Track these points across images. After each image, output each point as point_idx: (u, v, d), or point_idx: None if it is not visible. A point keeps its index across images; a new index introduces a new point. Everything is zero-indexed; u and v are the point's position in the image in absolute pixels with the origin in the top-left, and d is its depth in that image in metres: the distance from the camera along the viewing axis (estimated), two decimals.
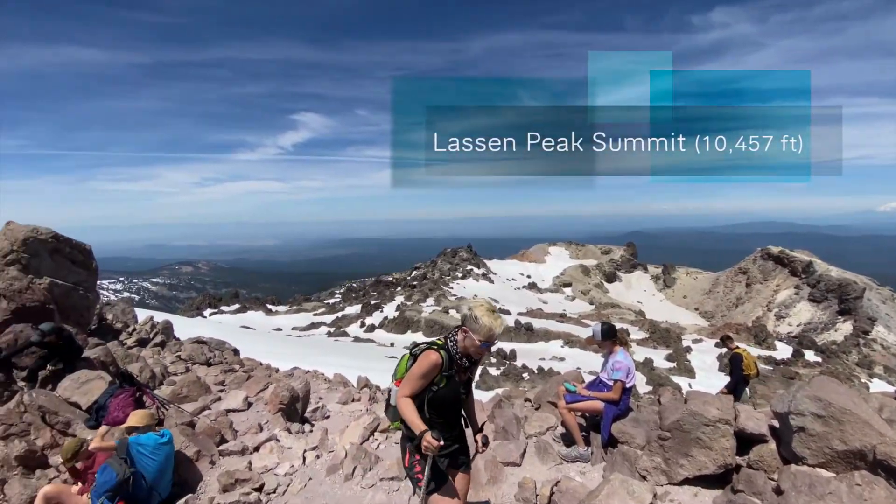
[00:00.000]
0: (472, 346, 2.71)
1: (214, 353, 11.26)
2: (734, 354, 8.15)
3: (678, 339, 37.86)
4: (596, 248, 79.77)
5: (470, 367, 2.87)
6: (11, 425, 5.56)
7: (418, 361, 2.75)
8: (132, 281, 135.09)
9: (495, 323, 2.69)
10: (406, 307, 47.45)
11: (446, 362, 2.74)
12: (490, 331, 2.67)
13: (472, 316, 2.70)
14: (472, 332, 2.69)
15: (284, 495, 4.35)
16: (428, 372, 2.70)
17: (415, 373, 2.73)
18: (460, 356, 2.77)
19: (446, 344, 2.80)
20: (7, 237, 8.93)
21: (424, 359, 2.73)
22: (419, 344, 2.94)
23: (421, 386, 2.72)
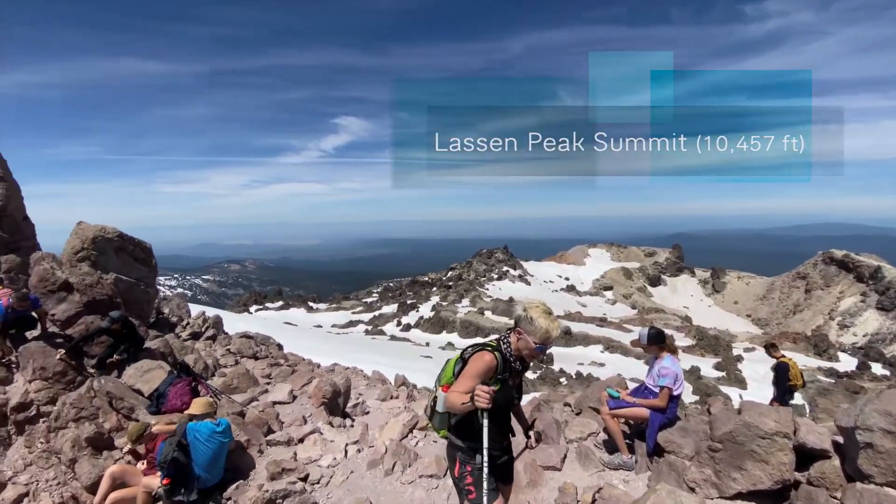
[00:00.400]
0: (527, 348, 2.61)
1: (260, 347, 11.80)
2: (780, 364, 7.82)
3: (728, 348, 35.86)
4: (639, 251, 76.93)
5: (522, 371, 2.77)
6: (82, 409, 6.07)
7: (472, 362, 2.61)
8: (185, 278, 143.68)
9: (552, 325, 2.59)
10: (441, 307, 47.70)
11: (500, 365, 2.62)
12: (546, 333, 2.57)
13: (528, 317, 2.60)
14: (527, 333, 2.59)
15: (328, 486, 4.49)
16: (483, 373, 2.55)
17: (469, 373, 2.57)
18: (514, 359, 2.67)
19: (499, 346, 2.69)
20: (79, 236, 9.73)
21: (479, 360, 2.60)
22: (471, 346, 2.79)
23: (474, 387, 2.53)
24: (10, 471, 6.12)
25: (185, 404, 5.69)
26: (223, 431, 4.50)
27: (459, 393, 2.49)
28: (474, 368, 2.58)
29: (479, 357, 2.62)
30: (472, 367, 2.60)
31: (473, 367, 2.58)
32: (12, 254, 8.91)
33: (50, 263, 7.88)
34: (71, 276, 7.84)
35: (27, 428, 6.43)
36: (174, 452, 4.22)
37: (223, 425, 4.56)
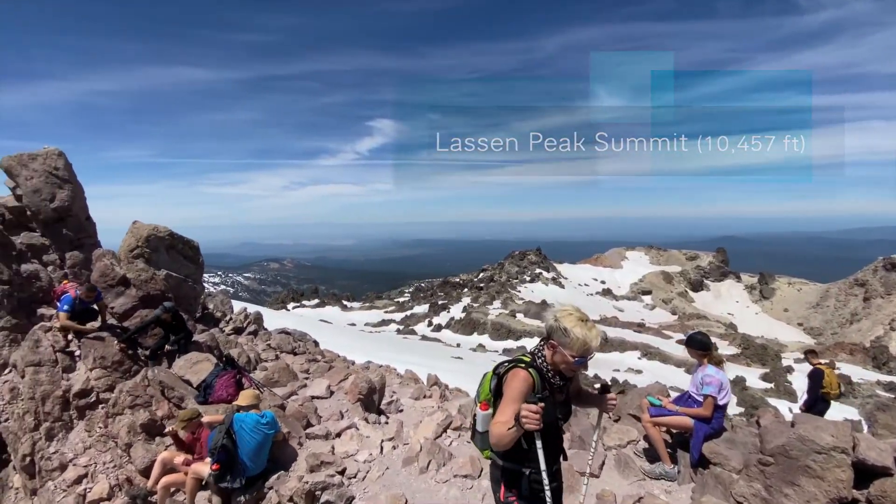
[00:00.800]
0: (564, 362, 2.34)
1: (298, 343, 12.16)
2: (814, 370, 7.49)
3: (777, 358, 33.87)
4: (680, 254, 73.90)
5: (564, 386, 2.50)
6: (137, 397, 6.46)
7: (508, 383, 2.37)
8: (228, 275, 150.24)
9: (590, 334, 2.29)
10: (472, 309, 47.58)
11: (537, 382, 2.36)
12: (585, 344, 2.28)
13: (561, 328, 2.30)
14: (563, 346, 2.31)
15: (364, 481, 4.58)
16: (523, 391, 2.30)
17: (508, 396, 2.32)
18: (552, 374, 2.41)
19: (534, 361, 2.43)
20: (134, 234, 10.36)
21: (513, 378, 2.36)
22: (502, 363, 2.54)
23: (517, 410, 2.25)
24: (71, 453, 6.61)
25: (230, 395, 5.96)
26: (268, 423, 4.67)
27: (503, 422, 2.23)
28: (512, 390, 2.34)
29: (512, 376, 2.38)
30: (508, 388, 2.37)
31: (510, 389, 2.35)
32: (76, 251, 9.61)
33: (110, 260, 8.45)
34: (128, 271, 8.38)
35: (87, 413, 6.91)
36: (223, 440, 4.44)
37: (268, 417, 4.73)
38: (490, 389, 2.50)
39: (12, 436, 6.98)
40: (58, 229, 9.44)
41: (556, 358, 2.37)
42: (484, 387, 2.57)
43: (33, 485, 6.63)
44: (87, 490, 6.02)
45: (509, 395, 2.33)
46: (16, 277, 8.28)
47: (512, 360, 2.49)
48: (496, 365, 2.56)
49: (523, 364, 2.41)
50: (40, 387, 6.80)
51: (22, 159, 9.22)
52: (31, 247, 9.04)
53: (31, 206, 9.11)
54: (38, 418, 6.74)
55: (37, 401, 6.76)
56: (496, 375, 2.49)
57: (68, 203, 9.38)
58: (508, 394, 2.33)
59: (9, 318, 7.99)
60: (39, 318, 8.21)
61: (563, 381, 2.45)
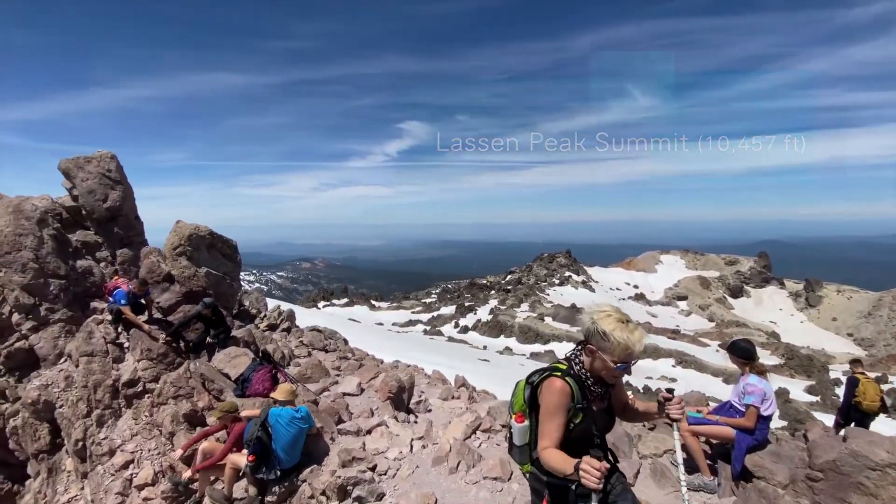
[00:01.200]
0: (605, 368, 2.15)
1: (329, 341, 12.43)
2: (850, 377, 7.26)
3: (823, 369, 32.01)
4: (718, 258, 70.95)
5: (606, 393, 2.31)
6: (180, 388, 6.76)
7: (543, 394, 2.20)
8: (262, 273, 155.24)
9: (632, 337, 2.09)
10: (500, 311, 47.28)
11: (576, 392, 2.18)
12: (627, 349, 2.08)
13: (599, 331, 2.11)
14: (602, 351, 2.12)
15: (394, 478, 4.63)
16: (561, 403, 2.14)
17: (547, 411, 2.16)
18: (592, 382, 2.23)
19: (570, 368, 2.25)
20: (177, 233, 10.86)
21: (549, 389, 2.18)
22: (536, 371, 2.36)
23: (560, 426, 2.14)
24: (119, 439, 6.99)
25: (266, 389, 6.16)
26: (303, 418, 4.80)
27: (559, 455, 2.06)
28: (549, 403, 2.16)
29: (548, 386, 2.19)
30: (545, 401, 2.19)
31: (547, 402, 2.17)
32: (126, 248, 10.17)
33: (156, 257, 8.90)
34: (173, 268, 8.80)
35: (134, 402, 7.30)
36: (258, 432, 4.59)
37: (302, 412, 4.86)
38: (524, 399, 2.34)
39: (66, 421, 7.45)
40: (109, 228, 10.03)
41: (595, 364, 2.19)
42: (518, 396, 2.41)
43: (84, 468, 7.06)
44: (134, 475, 6.36)
45: (547, 409, 2.16)
46: (72, 272, 8.85)
47: (546, 368, 2.32)
48: (530, 373, 2.40)
49: (559, 372, 2.22)
50: (92, 376, 7.24)
51: (78, 162, 9.85)
52: (86, 244, 9.63)
53: (85, 206, 9.72)
54: (90, 405, 7.17)
55: (89, 389, 7.20)
56: (529, 385, 2.33)
57: (119, 203, 9.95)
58: (546, 408, 2.17)
59: (65, 311, 8.54)
60: (92, 311, 8.74)
61: (603, 389, 2.27)
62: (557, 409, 2.14)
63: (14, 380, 8.35)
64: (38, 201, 9.16)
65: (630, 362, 2.13)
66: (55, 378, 7.86)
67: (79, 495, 7.03)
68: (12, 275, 8.19)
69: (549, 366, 2.34)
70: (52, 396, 7.67)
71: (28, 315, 8.29)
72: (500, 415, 5.92)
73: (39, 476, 7.94)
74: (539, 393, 2.24)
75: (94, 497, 6.35)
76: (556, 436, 2.13)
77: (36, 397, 7.67)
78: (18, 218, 8.50)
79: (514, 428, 2.37)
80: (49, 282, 8.42)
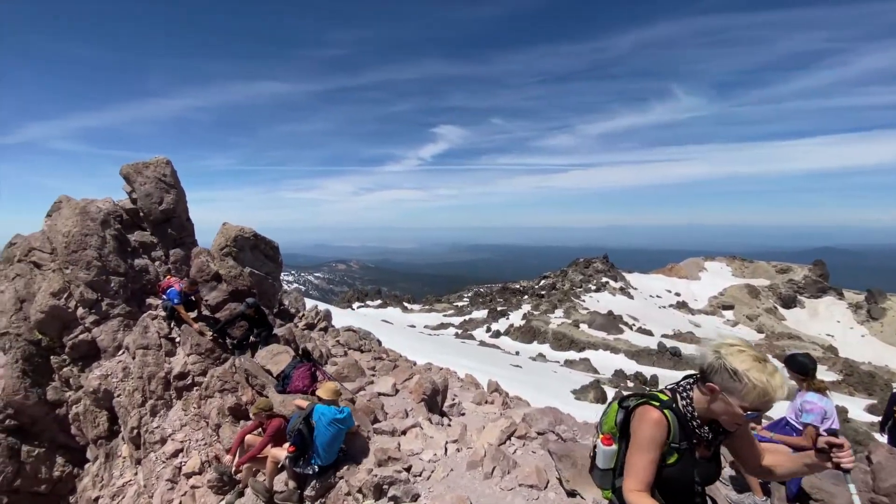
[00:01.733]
0: (727, 413, 1.84)
1: (364, 341, 12.66)
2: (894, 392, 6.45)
3: (886, 387, 29.51)
4: (769, 266, 66.98)
5: (715, 440, 1.99)
6: (226, 382, 7.08)
7: (635, 423, 1.96)
8: (300, 274, 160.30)
9: (773, 381, 1.74)
10: (533, 316, 46.61)
11: (675, 428, 1.91)
12: (765, 395, 1.74)
13: (729, 369, 1.79)
14: (729, 392, 1.80)
15: (429, 480, 4.65)
16: (654, 437, 1.88)
17: (639, 443, 1.91)
18: (699, 423, 1.93)
19: (673, 401, 1.97)
20: (223, 234, 11.40)
21: (643, 419, 1.93)
22: (631, 395, 2.15)
23: (651, 463, 1.89)
24: (170, 429, 7.39)
25: (305, 387, 6.34)
26: (344, 419, 4.90)
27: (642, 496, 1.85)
28: (641, 435, 1.91)
29: (641, 415, 1.94)
30: (636, 431, 1.94)
31: (639, 434, 1.92)
32: (178, 248, 10.77)
33: (206, 257, 9.37)
34: (220, 268, 9.24)
35: (184, 394, 7.70)
36: (300, 425, 4.74)
37: (345, 413, 4.96)
38: (616, 423, 2.14)
39: (123, 410, 7.96)
40: (164, 229, 10.66)
41: (713, 406, 1.88)
42: (609, 417, 2.23)
43: (138, 455, 7.51)
44: (182, 463, 6.70)
45: (638, 441, 1.92)
46: (130, 271, 9.46)
47: (644, 395, 2.06)
48: (623, 396, 2.21)
49: (657, 402, 1.95)
50: (147, 367, 7.70)
51: (137, 167, 10.54)
52: (143, 244, 10.27)
53: (143, 208, 10.37)
54: (144, 395, 7.63)
55: (144, 380, 7.66)
56: (623, 409, 2.11)
57: (173, 206, 10.56)
58: (637, 440, 1.93)
59: (123, 306, 9.14)
60: (148, 307, 9.30)
61: (713, 435, 1.95)
62: (649, 444, 1.89)
63: (77, 369, 9.00)
64: (102, 204, 9.86)
65: (763, 410, 1.79)
66: (114, 369, 8.41)
67: (133, 480, 7.48)
68: (78, 272, 8.85)
69: (648, 392, 2.09)
70: (111, 386, 8.21)
71: (91, 309, 8.92)
72: (536, 422, 5.83)
73: (98, 461, 8.51)
74: (632, 419, 2.00)
75: (146, 482, 6.74)
76: (646, 476, 1.88)
77: (96, 386, 8.24)
78: (84, 219, 9.19)
79: (599, 449, 2.18)
80: (110, 279, 9.03)
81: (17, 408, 8.56)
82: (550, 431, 5.62)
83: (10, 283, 9.26)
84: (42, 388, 8.85)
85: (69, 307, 8.84)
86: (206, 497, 5.88)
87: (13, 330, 8.85)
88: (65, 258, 8.84)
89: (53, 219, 9.56)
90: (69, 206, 9.57)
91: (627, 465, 1.95)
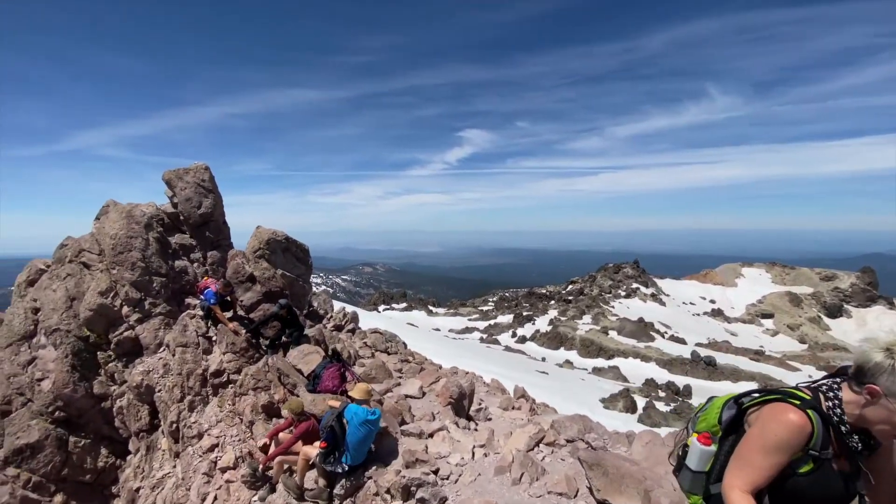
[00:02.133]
0: (888, 421, 1.57)
1: (390, 343, 12.78)
2: None
3: None
4: (812, 273, 63.63)
5: (862, 453, 1.69)
6: (259, 380, 7.29)
7: (763, 422, 1.68)
8: (329, 277, 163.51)
9: None
10: (560, 322, 45.86)
11: (818, 435, 1.63)
12: None
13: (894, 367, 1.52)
14: (894, 397, 1.54)
15: (456, 484, 4.64)
16: (789, 441, 1.61)
17: (764, 444, 1.63)
18: (848, 429, 1.65)
19: (816, 401, 1.69)
20: (257, 237, 11.78)
21: (777, 419, 1.64)
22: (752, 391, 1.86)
23: (771, 468, 1.63)
24: (206, 424, 7.65)
25: (335, 387, 6.47)
26: (375, 420, 4.97)
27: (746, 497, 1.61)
28: (769, 435, 1.63)
29: (775, 414, 1.66)
30: (762, 430, 1.66)
31: (766, 433, 1.64)
32: (215, 250, 11.20)
33: (241, 259, 9.71)
34: (255, 270, 9.54)
35: (220, 391, 7.97)
36: (333, 422, 4.83)
37: (377, 414, 5.03)
38: (720, 420, 1.89)
39: (163, 404, 8.32)
40: (202, 232, 11.11)
41: (869, 412, 1.60)
42: (710, 414, 1.99)
43: (177, 448, 7.82)
44: (218, 458, 6.93)
45: (762, 440, 1.64)
46: (171, 272, 9.91)
47: (771, 391, 1.77)
48: (740, 393, 1.91)
49: (797, 402, 1.66)
50: (186, 364, 8.03)
51: (178, 173, 11.04)
52: (183, 246, 10.74)
53: (183, 212, 10.85)
54: (183, 391, 7.95)
55: (183, 376, 7.99)
56: (737, 405, 1.85)
57: (211, 210, 11.00)
58: (763, 440, 1.64)
59: (164, 305, 9.57)
60: (187, 306, 9.71)
61: (863, 445, 1.67)
62: (778, 446, 1.61)
63: (122, 365, 9.48)
64: (146, 208, 10.38)
65: None
66: (155, 365, 8.81)
67: (171, 472, 7.79)
68: (123, 272, 9.33)
69: (778, 388, 1.79)
70: (153, 381, 8.60)
71: (135, 308, 9.39)
72: (565, 429, 5.74)
73: (139, 452, 8.92)
74: (751, 417, 1.76)
75: (184, 475, 7.00)
76: (759, 478, 1.63)
77: (139, 381, 8.65)
78: (130, 223, 9.69)
79: (693, 448, 1.93)
80: (153, 279, 9.49)
81: (66, 400, 9.08)
82: (580, 439, 5.52)
83: (61, 282, 9.85)
84: (89, 382, 9.37)
85: (115, 306, 9.33)
86: (239, 492, 6.06)
87: (64, 326, 9.41)
88: (112, 259, 9.34)
89: (102, 222, 10.12)
90: (116, 209, 10.11)
91: (738, 462, 1.70)
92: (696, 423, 2.05)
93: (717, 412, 1.95)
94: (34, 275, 10.52)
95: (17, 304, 10.08)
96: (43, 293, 9.84)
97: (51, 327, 9.39)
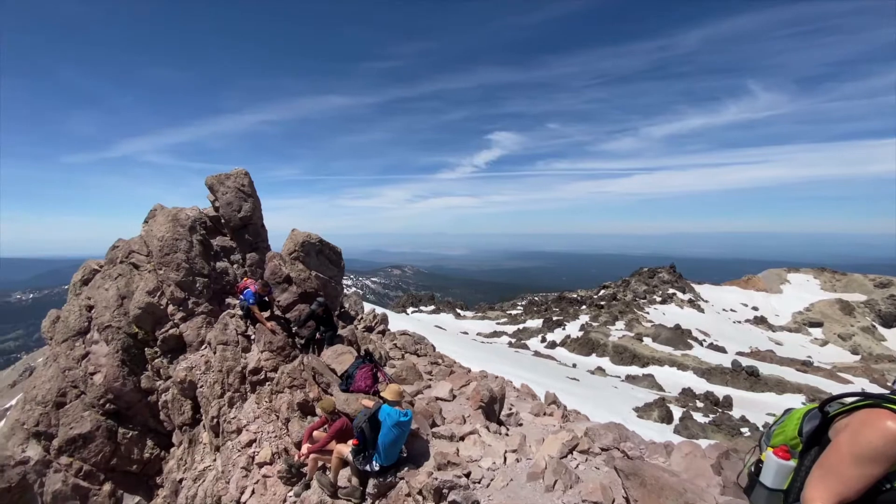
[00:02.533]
0: None
1: (419, 345, 12.87)
2: None
3: None
4: (865, 279, 59.61)
5: None
6: (295, 379, 7.48)
7: (855, 430, 1.50)
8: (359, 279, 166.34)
9: None
10: (591, 328, 44.81)
11: None
12: None
13: None
14: None
15: (488, 488, 4.62)
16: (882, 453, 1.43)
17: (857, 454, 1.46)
18: None
19: None
20: (292, 240, 12.14)
21: (873, 427, 1.45)
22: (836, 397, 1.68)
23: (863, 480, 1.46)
24: (245, 420, 7.92)
25: (367, 387, 6.56)
26: (407, 422, 5.01)
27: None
28: (863, 444, 1.46)
29: (871, 420, 1.47)
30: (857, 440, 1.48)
31: (862, 442, 1.46)
32: (253, 252, 11.62)
33: (278, 261, 10.02)
34: (291, 271, 9.83)
35: (258, 388, 8.23)
36: (365, 421, 4.91)
37: (409, 416, 5.08)
38: (800, 432, 1.73)
39: (205, 400, 8.68)
40: (241, 234, 11.55)
41: None
42: (789, 425, 1.82)
43: (217, 442, 8.14)
44: (255, 453, 7.16)
45: (854, 450, 1.46)
46: (212, 272, 10.34)
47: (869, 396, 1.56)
48: (824, 400, 1.73)
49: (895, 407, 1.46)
50: (226, 362, 8.35)
51: (220, 178, 11.53)
52: (223, 248, 11.20)
53: (224, 216, 11.32)
54: (223, 388, 8.27)
55: (223, 373, 8.31)
56: (822, 413, 1.68)
57: (251, 213, 11.42)
58: (852, 448, 1.47)
59: (206, 305, 9.99)
60: (227, 306, 10.11)
61: None
62: (873, 458, 1.43)
63: (167, 361, 9.96)
64: (190, 211, 10.89)
65: None
66: (198, 362, 9.21)
67: (212, 465, 8.11)
68: (169, 272, 9.82)
69: (870, 393, 1.58)
70: (195, 377, 8.99)
71: (179, 307, 9.85)
72: (599, 437, 5.61)
73: (182, 445, 9.33)
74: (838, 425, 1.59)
75: (224, 468, 7.27)
76: (848, 491, 1.47)
77: (183, 377, 9.06)
78: (175, 226, 10.19)
79: (769, 463, 1.76)
80: (196, 279, 9.93)
81: (116, 393, 9.62)
82: (615, 448, 5.38)
83: (113, 281, 10.47)
84: (137, 376, 9.89)
85: (161, 304, 9.82)
86: (276, 487, 6.24)
87: (115, 323, 9.98)
88: (159, 260, 9.85)
89: (150, 224, 10.70)
90: (163, 213, 10.67)
91: (822, 473, 1.54)
92: (772, 437, 1.86)
93: (796, 423, 1.78)
94: (88, 274, 11.23)
95: (72, 302, 10.78)
96: (96, 292, 10.48)
97: (103, 324, 9.99)
